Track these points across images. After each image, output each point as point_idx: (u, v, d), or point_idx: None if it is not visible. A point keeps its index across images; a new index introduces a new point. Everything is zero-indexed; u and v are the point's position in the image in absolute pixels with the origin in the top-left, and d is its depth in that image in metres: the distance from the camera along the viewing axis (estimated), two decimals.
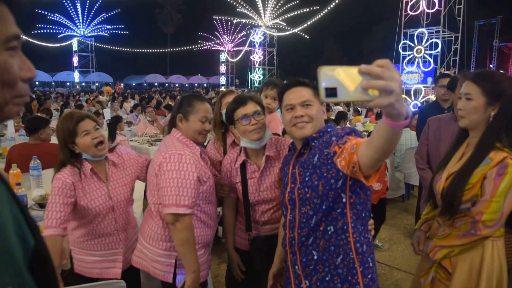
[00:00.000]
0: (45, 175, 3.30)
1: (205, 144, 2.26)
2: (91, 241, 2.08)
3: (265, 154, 1.97)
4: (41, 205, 2.82)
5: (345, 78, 0.89)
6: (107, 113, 7.90)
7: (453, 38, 13.12)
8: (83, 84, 37.47)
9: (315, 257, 1.56)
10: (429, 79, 13.31)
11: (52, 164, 2.35)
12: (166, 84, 43.09)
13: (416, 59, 12.61)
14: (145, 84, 43.97)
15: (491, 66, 27.76)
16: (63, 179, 1.95)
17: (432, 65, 12.49)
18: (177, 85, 42.20)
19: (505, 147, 1.65)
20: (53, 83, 41.24)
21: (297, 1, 28.14)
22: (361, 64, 0.90)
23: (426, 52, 12.35)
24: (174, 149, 1.84)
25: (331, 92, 0.89)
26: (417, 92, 12.86)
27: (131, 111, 9.22)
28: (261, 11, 29.47)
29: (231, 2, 27.65)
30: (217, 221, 2.10)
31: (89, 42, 36.30)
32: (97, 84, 38.49)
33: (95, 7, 34.85)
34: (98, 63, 37.92)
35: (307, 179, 1.56)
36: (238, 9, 28.59)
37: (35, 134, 3.77)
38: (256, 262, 2.04)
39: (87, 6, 35.00)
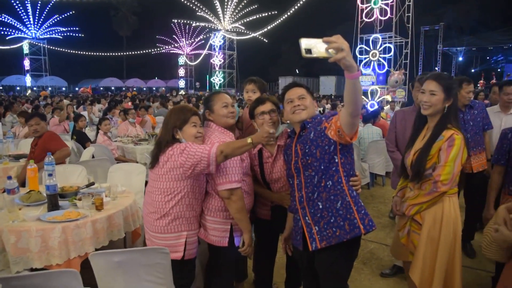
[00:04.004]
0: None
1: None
2: (197, 216, 2.39)
3: (277, 143, 2.46)
4: (62, 195, 3.12)
5: (316, 44, 1.51)
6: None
7: (403, 43, 14.29)
8: (35, 88, 35.84)
9: (320, 207, 2.05)
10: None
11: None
12: (123, 88, 42.09)
13: (372, 62, 13.62)
14: (101, 88, 42.83)
15: (436, 68, 29.88)
16: None
17: (386, 67, 13.55)
18: (135, 88, 41.37)
19: (453, 127, 2.28)
20: (0, 87, 39.10)
21: (256, 6, 28.81)
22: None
23: (380, 55, 13.39)
24: (218, 139, 2.27)
25: (308, 51, 1.50)
26: (373, 93, 13.87)
27: (105, 114, 9.38)
28: (221, 15, 29.84)
29: (190, 6, 27.78)
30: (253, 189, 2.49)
31: (41, 44, 34.94)
32: (50, 88, 37.05)
33: (47, 8, 33.51)
34: (52, 67, 36.53)
35: (307, 150, 2.08)
36: (197, 13, 28.78)
37: None
38: (277, 227, 2.52)
39: (38, 7, 33.58)
